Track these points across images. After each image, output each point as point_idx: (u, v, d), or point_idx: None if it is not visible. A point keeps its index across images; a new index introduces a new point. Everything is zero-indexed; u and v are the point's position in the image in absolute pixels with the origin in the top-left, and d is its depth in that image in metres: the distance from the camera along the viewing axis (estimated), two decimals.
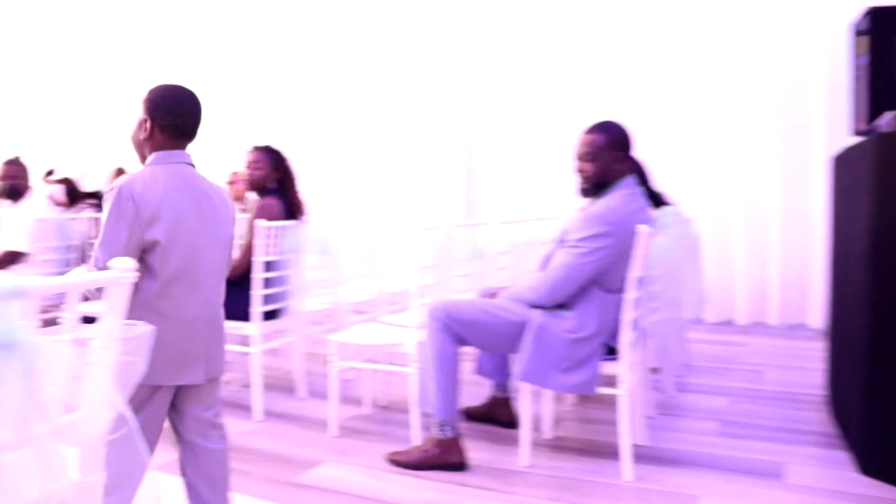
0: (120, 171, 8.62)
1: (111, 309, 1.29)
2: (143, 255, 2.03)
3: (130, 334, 1.27)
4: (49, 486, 1.15)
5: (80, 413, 1.26)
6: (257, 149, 4.07)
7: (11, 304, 1.06)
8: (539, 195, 7.59)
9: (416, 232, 3.36)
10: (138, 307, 1.99)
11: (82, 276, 1.26)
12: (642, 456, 3.17)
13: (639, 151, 3.46)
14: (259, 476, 3.00)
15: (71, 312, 1.25)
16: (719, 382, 4.44)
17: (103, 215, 2.00)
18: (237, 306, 3.85)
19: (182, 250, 2.05)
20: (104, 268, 1.95)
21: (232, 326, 3.91)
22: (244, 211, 5.66)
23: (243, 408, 3.91)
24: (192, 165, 2.18)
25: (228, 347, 4.21)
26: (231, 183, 6.93)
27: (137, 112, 2.17)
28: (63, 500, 1.24)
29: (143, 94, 2.16)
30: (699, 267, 4.42)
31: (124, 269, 1.29)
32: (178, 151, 2.15)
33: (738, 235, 6.54)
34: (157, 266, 2.03)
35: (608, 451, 3.25)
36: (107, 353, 1.24)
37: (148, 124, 2.13)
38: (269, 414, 3.82)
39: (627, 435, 2.99)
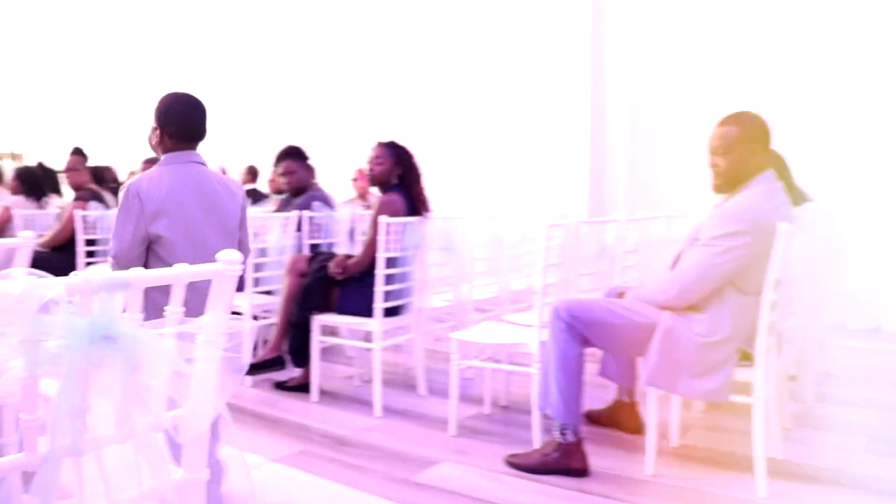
0: (252, 169, 8.93)
1: (216, 303, 1.27)
2: (152, 245, 2.32)
3: (234, 329, 1.25)
4: (150, 483, 1.14)
5: (183, 409, 1.25)
6: (380, 144, 4.09)
7: (115, 295, 1.06)
8: (670, 191, 7.31)
9: (540, 229, 3.27)
10: (153, 291, 2.16)
11: (188, 267, 1.25)
12: (778, 471, 2.95)
13: (778, 144, 3.23)
14: (377, 473, 3.00)
15: (175, 306, 1.24)
16: (865, 394, 4.12)
17: (116, 210, 2.32)
18: (359, 302, 3.88)
19: (188, 241, 2.32)
20: (116, 255, 2.29)
21: (354, 322, 3.94)
22: (367, 207, 5.72)
23: (364, 403, 3.93)
24: (202, 164, 2.46)
25: (350, 343, 4.28)
26: (355, 179, 7.05)
27: (150, 120, 2.47)
28: (164, 497, 1.23)
29: (155, 103, 2.46)
30: (843, 269, 4.12)
31: (230, 261, 1.27)
32: (186, 152, 2.45)
33: (888, 234, 6.06)
34: (165, 255, 2.32)
35: (740, 464, 3.04)
36: (210, 349, 1.22)
37: (158, 132, 2.45)
38: (389, 410, 3.82)
39: (762, 447, 2.79)
